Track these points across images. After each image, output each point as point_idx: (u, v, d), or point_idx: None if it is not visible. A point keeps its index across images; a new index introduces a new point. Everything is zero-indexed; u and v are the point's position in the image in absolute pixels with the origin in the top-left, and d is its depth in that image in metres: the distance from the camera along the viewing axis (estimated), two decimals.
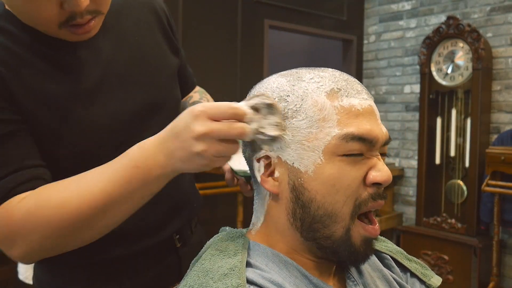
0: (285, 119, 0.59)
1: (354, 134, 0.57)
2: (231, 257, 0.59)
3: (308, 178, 0.58)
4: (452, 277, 3.07)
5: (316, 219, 0.58)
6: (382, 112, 3.86)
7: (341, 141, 0.57)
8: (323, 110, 0.58)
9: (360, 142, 0.57)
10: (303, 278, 0.60)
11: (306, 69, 0.63)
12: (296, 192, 0.59)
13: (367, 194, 0.58)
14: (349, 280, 0.65)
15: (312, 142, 0.57)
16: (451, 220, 3.16)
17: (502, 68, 3.13)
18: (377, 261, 0.71)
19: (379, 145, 0.60)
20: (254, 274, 0.57)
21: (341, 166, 0.57)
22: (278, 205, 0.62)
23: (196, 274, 0.58)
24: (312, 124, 0.58)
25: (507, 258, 3.13)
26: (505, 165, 2.75)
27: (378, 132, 0.59)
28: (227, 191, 2.61)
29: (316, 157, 0.57)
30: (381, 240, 0.76)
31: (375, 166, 0.59)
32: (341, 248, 0.59)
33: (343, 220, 0.58)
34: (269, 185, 0.61)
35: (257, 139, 0.59)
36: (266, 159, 0.61)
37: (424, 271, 0.73)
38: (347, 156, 0.57)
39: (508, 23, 3.10)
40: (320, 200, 0.58)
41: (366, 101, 0.60)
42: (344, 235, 0.58)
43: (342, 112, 0.58)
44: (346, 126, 0.57)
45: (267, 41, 3.20)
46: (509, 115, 3.11)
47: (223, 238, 0.64)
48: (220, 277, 0.55)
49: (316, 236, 0.59)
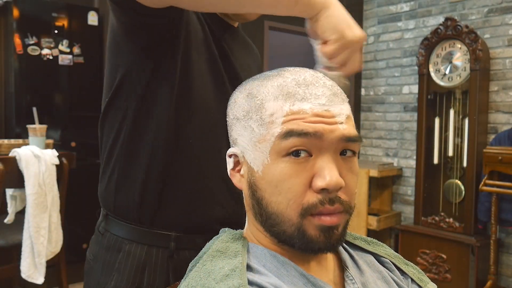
0: (248, 119, 0.63)
1: (293, 130, 0.57)
2: (232, 258, 0.60)
3: (258, 177, 0.60)
4: (450, 276, 3.10)
5: (268, 216, 0.60)
6: (381, 113, 3.89)
7: (282, 140, 0.58)
8: (274, 113, 0.59)
9: (302, 137, 0.57)
10: (301, 277, 0.61)
11: (278, 72, 0.65)
12: (251, 189, 0.62)
13: (315, 199, 0.57)
14: (347, 279, 0.66)
15: (262, 143, 0.60)
16: (449, 219, 3.18)
17: (500, 69, 3.16)
18: (377, 263, 0.72)
19: (330, 141, 0.58)
20: (254, 276, 0.58)
21: (284, 168, 0.58)
22: (246, 201, 0.66)
23: (198, 275, 0.59)
24: (262, 127, 0.60)
25: (505, 256, 3.16)
26: (503, 165, 2.77)
27: (324, 127, 0.57)
28: None
29: (264, 158, 0.59)
30: (380, 245, 0.76)
31: (320, 171, 0.57)
32: (295, 241, 0.59)
33: (290, 220, 0.58)
34: (235, 180, 0.66)
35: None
36: (235, 157, 0.65)
37: (420, 276, 0.74)
38: (291, 155, 0.58)
39: (505, 24, 3.13)
40: (268, 199, 0.60)
41: (322, 106, 0.59)
42: (296, 231, 0.58)
43: (290, 114, 0.58)
44: (287, 125, 0.58)
45: (267, 42, 3.23)
46: (507, 115, 3.14)
47: (223, 240, 0.65)
48: (222, 278, 0.56)
49: (273, 231, 0.61)
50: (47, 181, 2.02)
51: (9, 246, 2.07)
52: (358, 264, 0.69)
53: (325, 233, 0.58)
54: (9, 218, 2.08)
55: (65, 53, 3.02)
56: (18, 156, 1.98)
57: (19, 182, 1.99)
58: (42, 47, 2.92)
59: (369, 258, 0.72)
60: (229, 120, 0.68)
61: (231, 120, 0.67)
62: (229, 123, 0.68)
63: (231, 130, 0.67)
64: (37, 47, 2.91)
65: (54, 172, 2.07)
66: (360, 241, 0.74)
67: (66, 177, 2.18)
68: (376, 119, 3.94)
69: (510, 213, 2.90)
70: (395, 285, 0.69)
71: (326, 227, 0.58)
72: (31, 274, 1.99)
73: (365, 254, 0.73)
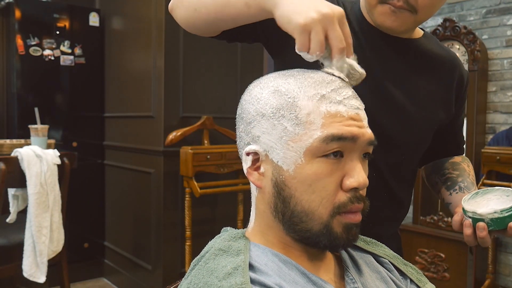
0: (280, 117, 0.61)
1: (334, 135, 0.59)
2: (234, 257, 0.61)
3: (289, 176, 0.61)
4: (448, 275, 3.12)
5: (294, 214, 0.61)
6: None
7: (322, 143, 0.59)
8: (311, 114, 0.60)
9: (340, 142, 0.59)
10: (302, 276, 0.62)
11: (302, 72, 0.65)
12: (277, 187, 0.62)
13: (346, 198, 0.61)
14: (347, 278, 0.67)
15: (296, 143, 0.60)
16: (448, 219, 3.20)
17: (498, 70, 3.18)
18: (376, 263, 0.73)
19: (361, 144, 0.62)
20: (256, 275, 0.59)
21: (319, 168, 0.60)
22: (263, 199, 0.65)
23: (200, 273, 0.60)
24: (299, 127, 0.60)
25: (502, 255, 3.18)
26: (501, 164, 2.79)
27: (358, 131, 0.61)
28: (227, 190, 2.65)
29: (297, 157, 0.60)
30: (379, 245, 0.77)
31: (351, 172, 0.61)
32: (321, 238, 0.61)
33: (320, 218, 0.60)
34: (254, 178, 0.65)
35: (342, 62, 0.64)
36: (254, 155, 0.64)
37: (419, 276, 0.75)
38: (327, 156, 0.60)
39: (503, 25, 3.15)
40: (298, 197, 0.61)
41: (355, 110, 0.62)
42: (323, 229, 0.61)
43: (328, 117, 0.60)
44: (328, 128, 0.59)
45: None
46: (505, 116, 3.15)
47: (225, 238, 0.66)
48: (224, 276, 0.57)
49: (296, 229, 0.62)
50: (48, 180, 2.04)
51: (11, 245, 2.09)
52: (357, 264, 0.70)
53: (348, 230, 0.62)
54: (11, 217, 2.10)
55: (66, 53, 3.04)
56: (20, 156, 2.00)
57: (21, 181, 2.01)
58: (43, 48, 2.94)
59: (368, 258, 0.73)
60: (247, 116, 0.65)
61: (253, 117, 0.64)
62: (248, 119, 0.65)
63: (251, 126, 0.64)
64: (39, 48, 2.93)
65: (56, 172, 2.09)
66: (360, 241, 0.75)
67: (68, 177, 2.20)
68: None
69: None
70: (394, 285, 0.70)
71: (351, 225, 0.62)
72: (33, 273, 2.01)
73: (365, 254, 0.74)
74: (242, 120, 0.67)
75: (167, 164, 2.61)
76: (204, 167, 2.50)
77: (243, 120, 0.66)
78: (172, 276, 2.63)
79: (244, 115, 0.66)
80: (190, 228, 2.50)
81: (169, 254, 2.64)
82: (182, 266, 2.67)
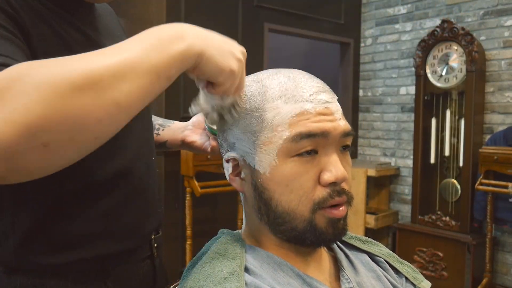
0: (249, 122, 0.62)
1: (302, 133, 0.59)
2: (230, 261, 0.62)
3: (266, 178, 0.62)
4: (446, 273, 3.14)
5: (277, 215, 0.62)
6: (378, 113, 3.93)
7: (292, 143, 0.60)
8: (277, 115, 0.61)
9: (310, 139, 0.59)
10: (297, 278, 0.62)
11: (272, 73, 0.65)
12: (258, 191, 0.63)
13: (325, 193, 0.61)
14: (343, 278, 0.67)
15: (268, 145, 0.61)
16: (446, 218, 3.22)
17: (495, 70, 3.21)
18: (372, 262, 0.73)
19: (335, 137, 0.61)
20: (251, 278, 0.60)
21: (293, 167, 0.60)
22: (248, 203, 0.67)
23: (196, 277, 0.61)
24: (268, 129, 0.61)
25: (500, 254, 3.21)
26: (498, 164, 2.82)
27: (329, 126, 0.60)
28: (227, 190, 2.67)
29: (271, 160, 0.61)
30: (374, 244, 0.77)
31: (327, 166, 0.61)
32: (307, 235, 0.62)
33: (301, 216, 0.61)
34: (236, 184, 0.66)
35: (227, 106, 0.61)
36: (233, 161, 0.65)
37: (414, 274, 0.75)
38: (300, 155, 0.60)
39: (501, 26, 3.18)
40: (277, 198, 0.61)
41: (323, 104, 0.61)
42: (307, 225, 0.61)
43: (295, 116, 0.60)
44: (296, 127, 0.60)
45: (267, 44, 3.26)
46: (502, 116, 3.18)
47: (222, 242, 0.66)
48: (220, 281, 0.58)
49: (282, 230, 0.63)
50: None
51: None
52: (353, 264, 0.70)
53: (334, 224, 0.62)
54: None
55: None
56: None
57: None
58: None
59: (364, 257, 0.73)
60: (219, 126, 0.68)
61: (226, 125, 0.65)
62: (221, 128, 0.67)
63: (226, 134, 0.66)
64: None
65: None
66: (355, 241, 0.76)
67: None
68: (374, 120, 3.98)
69: (505, 212, 2.95)
70: (389, 284, 0.70)
71: (335, 219, 0.62)
72: None
73: (360, 253, 0.74)
74: (219, 129, 0.69)
75: (168, 163, 2.63)
76: (204, 167, 2.52)
77: (219, 128, 0.68)
78: (173, 275, 2.65)
79: (216, 125, 0.68)
80: (191, 227, 2.52)
81: (169, 253, 2.65)
82: (182, 265, 2.69)
